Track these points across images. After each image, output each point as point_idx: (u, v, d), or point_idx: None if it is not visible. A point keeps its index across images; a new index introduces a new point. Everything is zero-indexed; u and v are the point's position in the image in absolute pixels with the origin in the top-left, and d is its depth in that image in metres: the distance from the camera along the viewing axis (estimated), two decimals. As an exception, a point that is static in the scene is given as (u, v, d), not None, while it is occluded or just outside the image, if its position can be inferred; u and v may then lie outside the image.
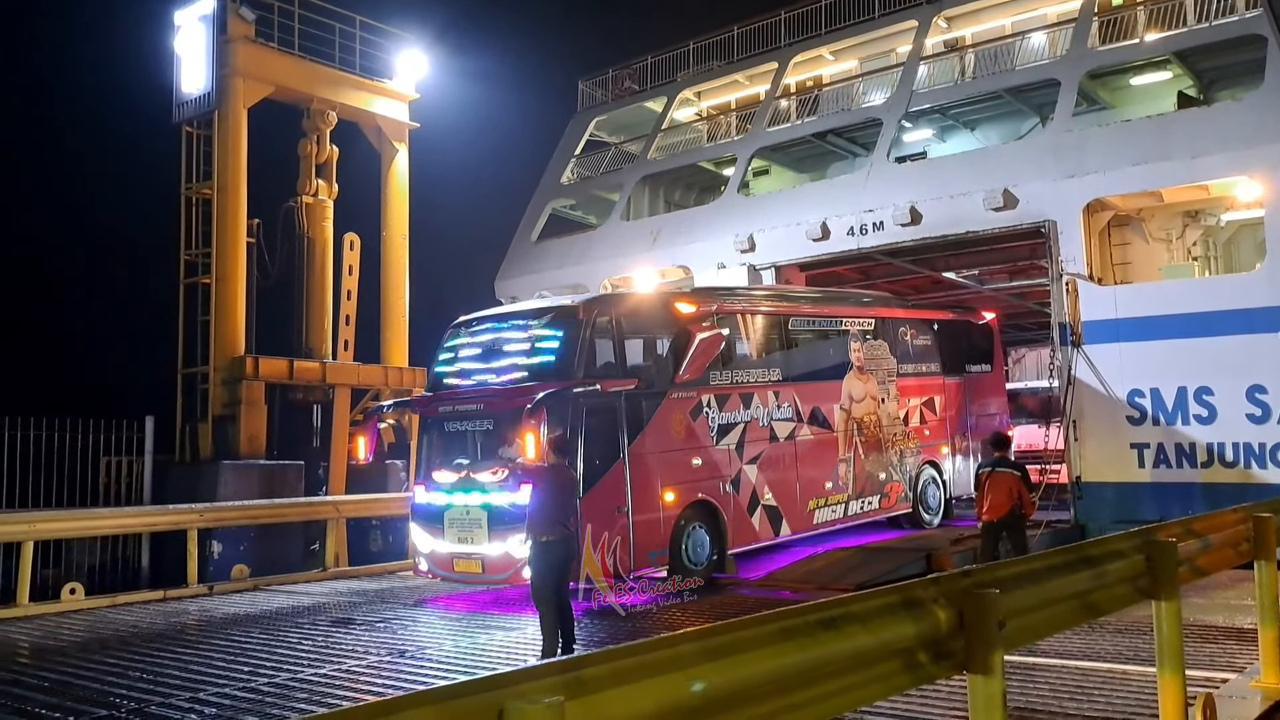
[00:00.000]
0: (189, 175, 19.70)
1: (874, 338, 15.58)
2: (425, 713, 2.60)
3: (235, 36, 19.43)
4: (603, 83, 25.89)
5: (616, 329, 11.70)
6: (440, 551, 11.42)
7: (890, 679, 4.22)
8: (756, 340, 13.91)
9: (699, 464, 12.04)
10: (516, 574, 10.55)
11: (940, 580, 4.61)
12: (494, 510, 10.86)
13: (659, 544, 11.25)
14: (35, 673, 8.36)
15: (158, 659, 8.81)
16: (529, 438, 9.85)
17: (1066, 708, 6.37)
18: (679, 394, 11.95)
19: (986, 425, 16.98)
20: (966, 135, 20.96)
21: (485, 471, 11.13)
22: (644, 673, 3.02)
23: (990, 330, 18.48)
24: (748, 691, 3.37)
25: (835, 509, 14.09)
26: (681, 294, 13.14)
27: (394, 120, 22.44)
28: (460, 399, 11.64)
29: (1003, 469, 10.56)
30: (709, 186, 24.35)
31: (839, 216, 18.13)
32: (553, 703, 2.64)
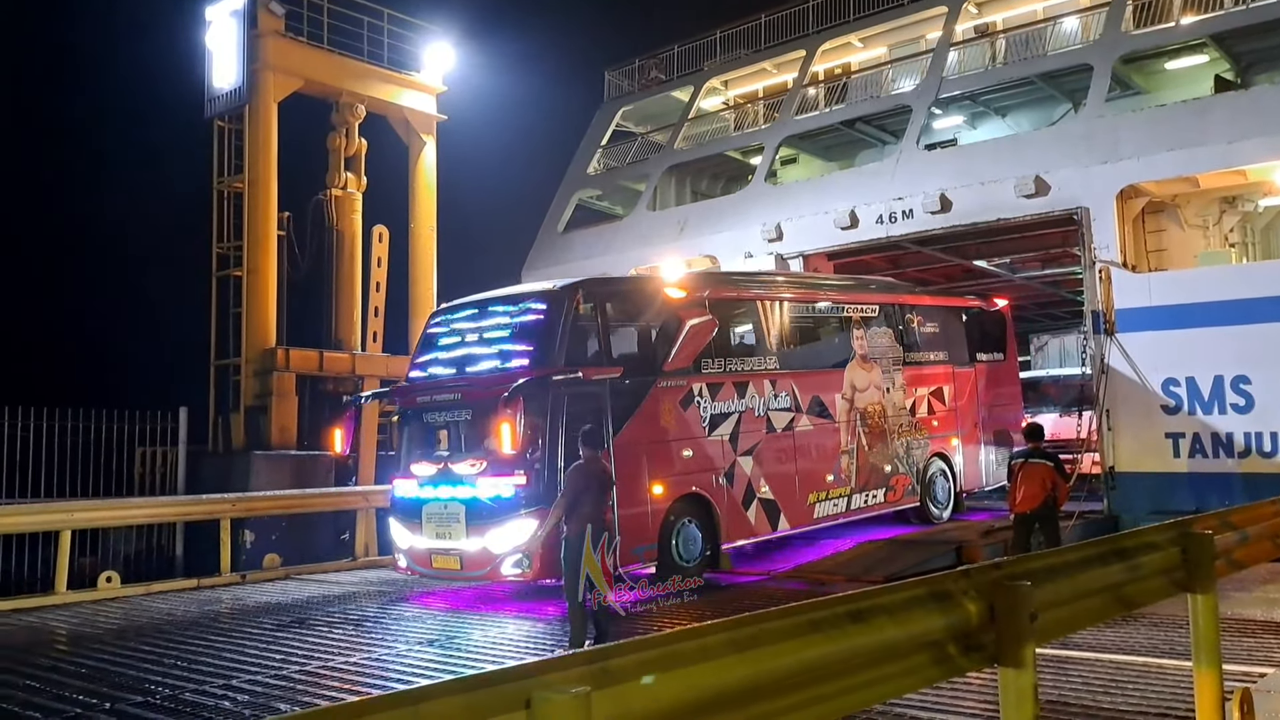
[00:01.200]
0: (221, 169, 19.90)
1: (878, 325, 14.96)
2: (453, 701, 2.61)
3: (265, 31, 19.56)
4: (629, 73, 25.83)
5: (601, 314, 11.23)
6: (419, 547, 10.96)
7: (920, 672, 4.19)
8: (751, 327, 13.41)
9: (690, 455, 11.53)
10: (495, 570, 10.21)
11: (971, 572, 4.56)
12: (472, 504, 10.43)
13: (646, 539, 10.78)
14: (72, 659, 8.48)
15: (192, 646, 8.91)
16: (505, 428, 9.53)
17: (1100, 702, 6.29)
18: (668, 382, 11.47)
19: (998, 416, 16.57)
20: (997, 122, 20.73)
21: (464, 463, 10.67)
22: (671, 664, 3.02)
23: (1002, 318, 17.73)
24: (775, 683, 3.35)
25: (837, 503, 13.50)
26: (674, 280, 12.64)
27: (421, 113, 22.52)
28: (438, 388, 11.20)
29: (1036, 460, 10.44)
30: (736, 176, 24.25)
31: (868, 205, 18.00)
32: (579, 693, 2.64)
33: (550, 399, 10.12)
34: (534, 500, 9.97)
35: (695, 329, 11.58)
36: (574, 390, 10.31)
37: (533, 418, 9.97)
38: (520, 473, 10.12)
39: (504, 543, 10.12)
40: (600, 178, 24.68)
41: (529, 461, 10.12)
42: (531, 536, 9.75)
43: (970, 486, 16.14)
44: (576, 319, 10.77)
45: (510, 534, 10.09)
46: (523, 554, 9.96)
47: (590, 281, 11.88)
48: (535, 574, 10.03)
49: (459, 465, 10.67)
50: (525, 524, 9.94)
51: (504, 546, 10.11)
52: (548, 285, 11.27)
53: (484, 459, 10.37)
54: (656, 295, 11.87)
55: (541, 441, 10.16)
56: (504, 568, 10.11)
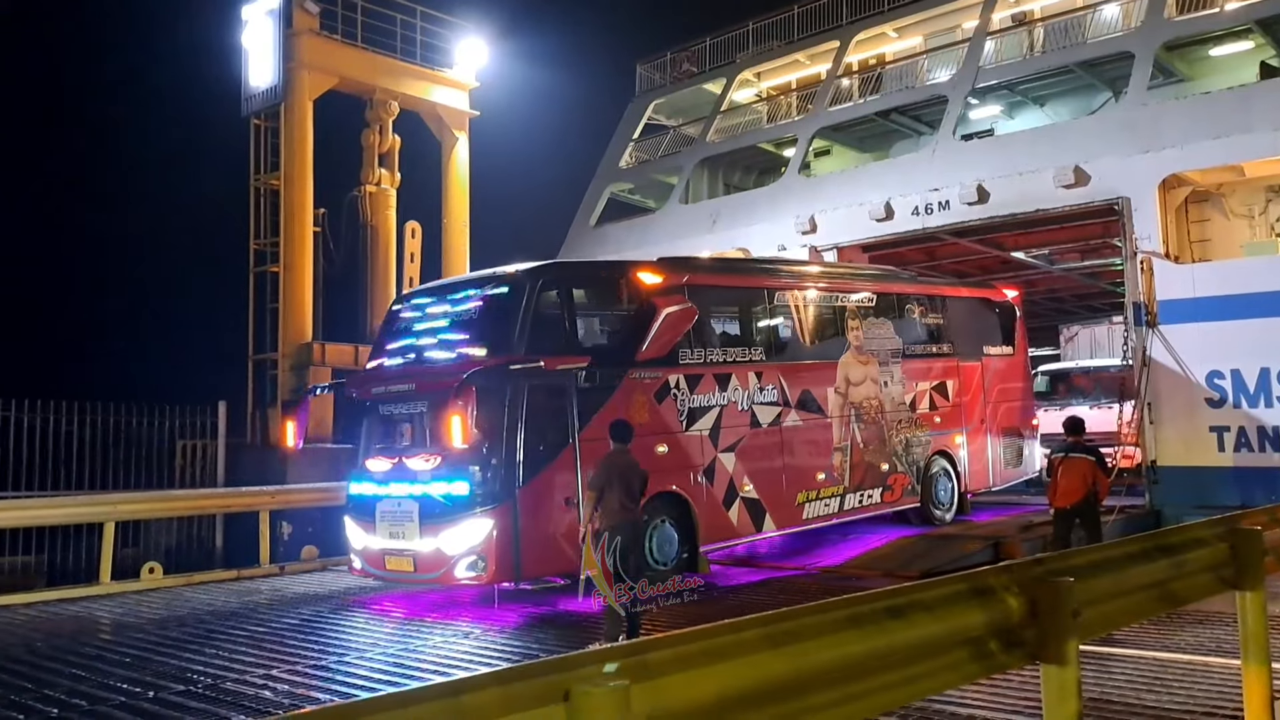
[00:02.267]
0: (257, 167, 20.12)
1: (876, 315, 14.10)
2: (491, 694, 2.62)
3: (300, 30, 19.72)
4: (661, 65, 25.77)
5: (567, 301, 10.57)
6: (372, 548, 10.30)
7: (959, 668, 4.14)
8: (735, 316, 12.70)
9: (665, 452, 10.77)
10: (448, 573, 9.59)
11: (1012, 568, 4.52)
12: (426, 502, 9.77)
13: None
14: (117, 648, 8.62)
15: (232, 636, 9.02)
16: (455, 421, 8.89)
17: (1144, 699, 6.20)
18: (641, 374, 10.75)
19: (1008, 413, 15.82)
20: (1035, 111, 20.46)
21: (418, 459, 9.99)
22: (709, 658, 3.00)
23: (1012, 309, 16.75)
24: (814, 679, 3.33)
25: (829, 503, 12.68)
26: (646, 263, 11.83)
27: (454, 109, 22.61)
28: (392, 379, 10.53)
29: (1076, 454, 10.30)
30: (769, 168, 24.14)
31: (903, 196, 17.83)
32: (618, 686, 2.64)
33: (508, 390, 9.51)
34: (490, 498, 9.46)
35: (672, 317, 10.94)
36: (535, 381, 9.67)
37: (488, 410, 9.41)
38: (475, 469, 9.52)
39: (458, 544, 9.52)
40: (632, 171, 24.65)
41: (485, 457, 9.53)
42: (486, 537, 9.35)
43: (976, 487, 15.25)
44: (539, 305, 10.11)
45: (465, 534, 9.50)
46: (477, 556, 9.41)
47: (555, 266, 11.31)
48: (491, 577, 9.51)
49: (413, 461, 10.03)
50: (480, 524, 9.44)
51: (458, 548, 9.51)
52: (509, 269, 10.60)
53: (438, 454, 9.76)
54: (630, 281, 11.19)
55: (498, 436, 9.54)
56: (458, 570, 9.50)
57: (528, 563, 9.54)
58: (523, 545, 9.41)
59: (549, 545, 9.63)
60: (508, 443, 9.50)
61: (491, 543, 9.33)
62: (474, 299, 10.39)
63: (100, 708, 6.66)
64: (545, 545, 9.61)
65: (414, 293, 11.30)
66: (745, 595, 10.37)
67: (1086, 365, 19.89)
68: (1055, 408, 18.39)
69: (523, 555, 9.43)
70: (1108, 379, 18.32)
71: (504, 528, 9.38)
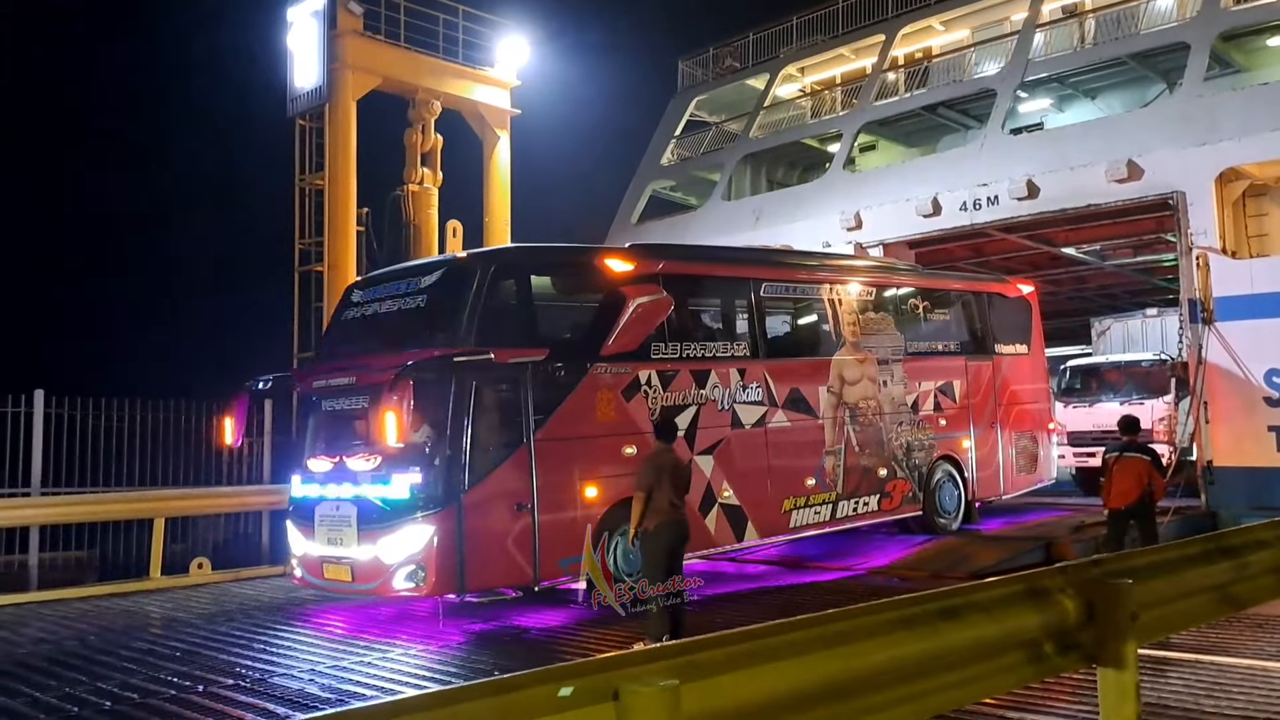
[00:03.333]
0: (302, 167, 20.31)
1: (874, 310, 13.14)
2: (541, 691, 2.61)
3: (344, 30, 19.89)
4: (703, 61, 25.70)
5: (524, 288, 9.85)
6: (312, 554, 9.57)
7: (1014, 670, 4.08)
8: (716, 308, 11.96)
9: (633, 454, 9.87)
10: (386, 584, 8.75)
11: (1068, 569, 4.44)
12: (364, 505, 8.99)
13: (574, 549, 8.98)
14: (167, 642, 8.73)
15: (278, 631, 9.10)
16: (390, 417, 8.14)
17: (1203, 705, 6.03)
18: (607, 369, 9.92)
19: (1021, 416, 14.82)
20: (1087, 104, 20.12)
21: (358, 458, 9.15)
22: (760, 658, 2.96)
23: (1027, 305, 15.67)
24: (866, 680, 3.28)
25: (819, 510, 11.77)
26: (616, 249, 10.91)
27: (495, 108, 22.68)
28: (333, 371, 9.82)
29: (1131, 453, 10.07)
30: (813, 164, 23.97)
31: (951, 191, 17.62)
32: (667, 686, 2.61)
33: (452, 384, 8.74)
34: (431, 503, 8.64)
35: (643, 309, 10.11)
36: (483, 375, 8.92)
37: (429, 406, 8.70)
38: (415, 470, 8.73)
39: (396, 552, 8.69)
40: (674, 168, 24.60)
41: (426, 458, 8.79)
42: (426, 545, 8.58)
43: (985, 495, 14.22)
44: (492, 293, 9.32)
45: (403, 542, 8.68)
46: (416, 565, 8.60)
47: (511, 250, 10.61)
48: (431, 588, 8.67)
49: (352, 460, 9.22)
50: (420, 530, 8.62)
51: (396, 556, 8.68)
52: (462, 253, 9.98)
53: (377, 454, 8.95)
54: (597, 268, 10.32)
55: (440, 434, 8.81)
56: (396, 581, 8.68)
57: (473, 573, 8.71)
58: (468, 554, 8.62)
59: (498, 554, 8.86)
60: (451, 442, 8.73)
61: (432, 551, 8.54)
62: (423, 285, 9.57)
63: (151, 701, 6.74)
64: (493, 554, 8.84)
65: (368, 278, 10.42)
66: (791, 596, 10.27)
67: (1117, 360, 18.99)
68: (1084, 405, 17.89)
69: (467, 565, 8.63)
70: (1140, 374, 17.76)
71: (446, 535, 8.57)
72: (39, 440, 12.86)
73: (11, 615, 10.13)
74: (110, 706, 6.61)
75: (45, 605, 10.70)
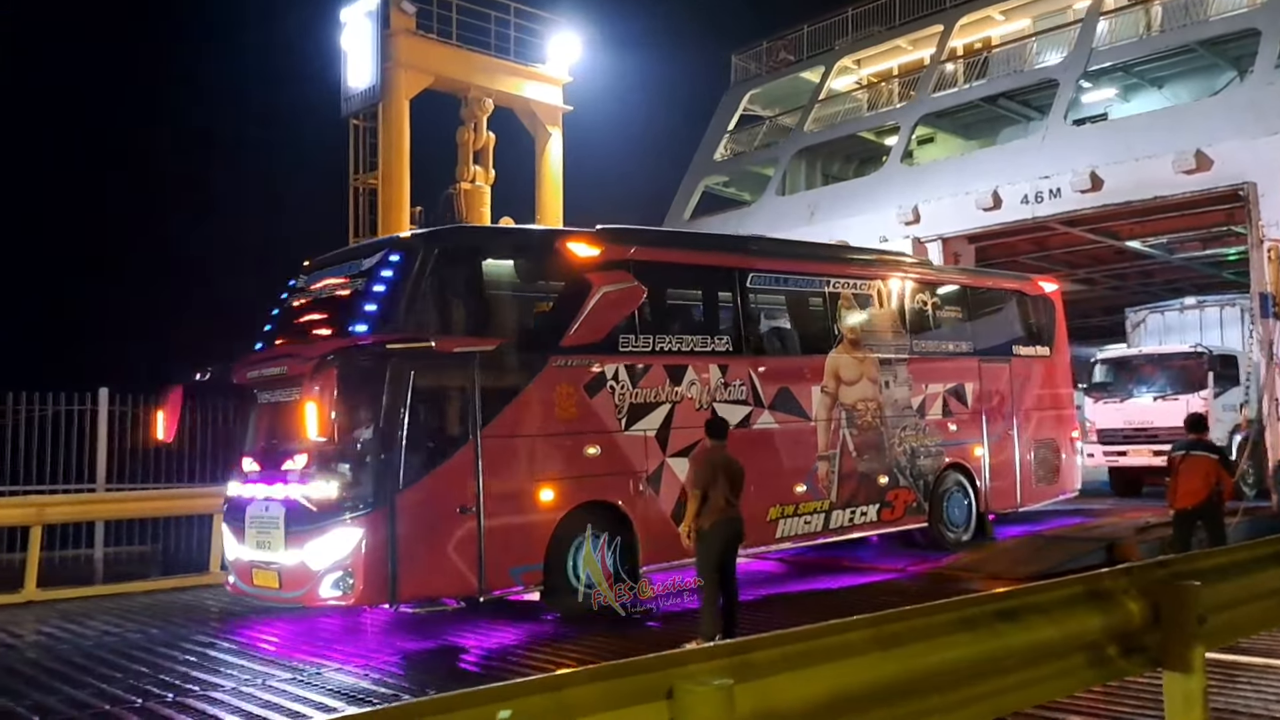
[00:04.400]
0: (356, 167, 20.59)
1: (876, 305, 12.15)
2: (595, 689, 2.62)
3: (397, 30, 20.10)
4: (757, 55, 25.55)
5: (473, 272, 9.03)
6: (242, 558, 8.86)
7: (1075, 673, 4.00)
8: (695, 298, 11.12)
9: (596, 454, 9.22)
10: (311, 592, 8.07)
11: (1133, 570, 4.33)
12: (291, 506, 8.28)
13: (527, 557, 8.58)
14: (227, 636, 8.90)
15: (332, 625, 9.20)
16: (310, 409, 7.46)
17: (1274, 712, 5.84)
18: (567, 361, 9.16)
19: (1042, 423, 13.77)
20: (1153, 93, 19.65)
21: (286, 454, 8.49)
22: (815, 659, 2.93)
23: (1050, 304, 14.57)
24: (923, 682, 3.22)
25: (810, 519, 10.88)
26: (582, 232, 9.99)
27: (547, 105, 22.77)
28: (265, 361, 9.04)
29: (1198, 452, 9.82)
30: (869, 157, 23.72)
31: (1011, 184, 17.31)
32: (722, 685, 2.60)
33: (385, 374, 8.04)
34: (361, 503, 7.94)
35: (610, 297, 9.38)
36: (423, 365, 8.20)
37: (358, 398, 8.05)
38: (345, 468, 8.10)
39: (322, 557, 8.00)
40: (727, 163, 24.50)
41: (355, 454, 8.14)
42: (354, 550, 7.86)
43: (1000, 507, 13.18)
44: (435, 276, 8.59)
45: (329, 546, 7.98)
46: (343, 571, 7.90)
47: (460, 230, 9.80)
48: (358, 597, 7.94)
49: (281, 457, 8.61)
50: (347, 534, 7.91)
51: (322, 562, 7.99)
52: (404, 233, 9.15)
53: (305, 450, 8.28)
54: (559, 253, 9.52)
55: (372, 429, 8.13)
56: (322, 588, 7.99)
57: (407, 582, 7.95)
58: (401, 561, 7.88)
59: (436, 561, 8.14)
60: (384, 438, 8.03)
61: (360, 556, 7.83)
62: (363, 268, 8.87)
63: (213, 694, 6.85)
64: (431, 561, 8.12)
65: (313, 262, 9.73)
66: (845, 597, 10.16)
67: (1150, 352, 17.93)
68: (1114, 400, 17.20)
69: (400, 573, 7.88)
70: (1175, 367, 16.92)
71: (376, 539, 7.85)
72: (104, 437, 13.17)
73: (79, 608, 10.41)
74: (172, 698, 6.73)
75: (109, 599, 10.95)
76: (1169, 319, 19.31)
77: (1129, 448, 16.85)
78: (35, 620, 9.78)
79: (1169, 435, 15.47)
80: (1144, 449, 16.48)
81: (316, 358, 7.80)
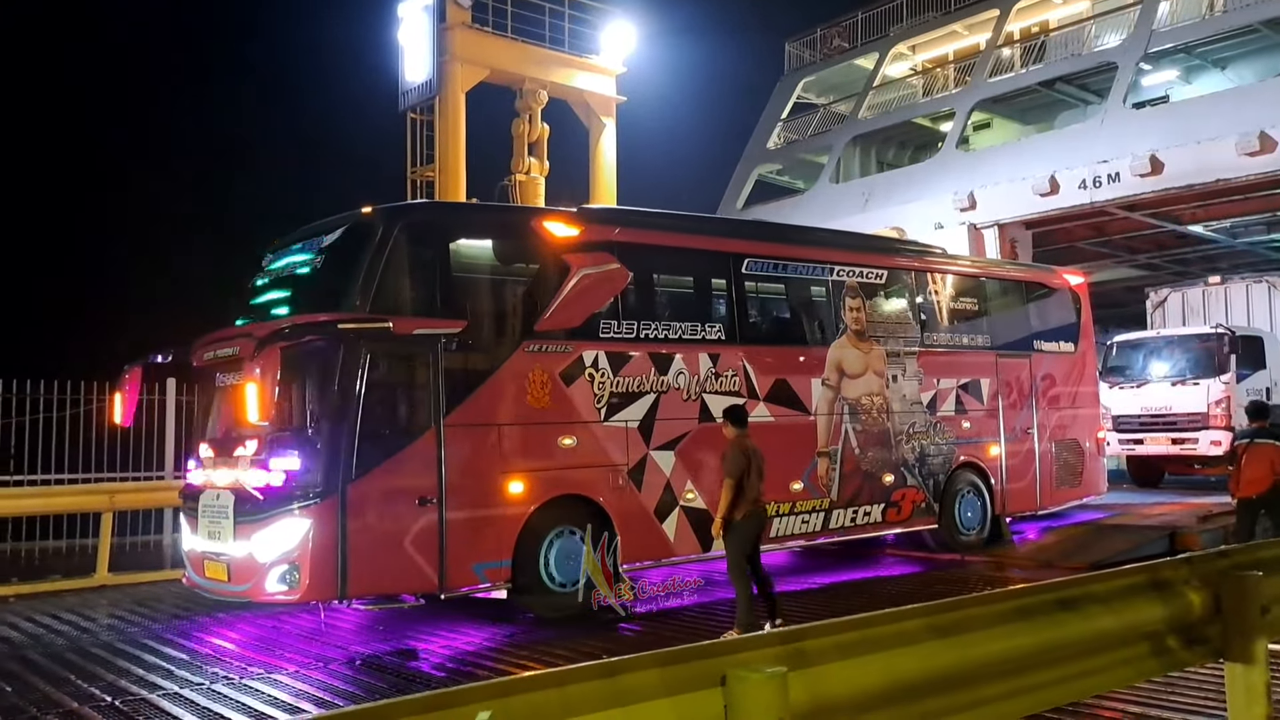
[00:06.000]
0: (413, 160, 20.85)
1: (885, 295, 11.53)
2: (649, 675, 2.64)
3: (453, 24, 20.30)
4: (810, 43, 25.38)
5: (439, 251, 8.49)
6: (196, 549, 8.39)
7: (1135, 664, 3.97)
8: (686, 284, 10.46)
9: (572, 445, 8.73)
10: (258, 586, 7.58)
11: (1193, 560, 4.29)
12: (240, 495, 7.81)
13: (493, 553, 8.11)
14: (294, 621, 9.08)
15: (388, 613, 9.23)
16: (249, 390, 7.10)
17: (1342, 705, 5.73)
18: (541, 346, 8.63)
19: (1064, 422, 13.03)
20: (1216, 75, 19.18)
21: (241, 441, 8.02)
22: (868, 648, 2.95)
23: (1075, 298, 13.73)
24: (980, 671, 3.23)
25: (808, 518, 10.33)
26: (561, 212, 9.51)
27: (601, 95, 22.82)
28: (219, 341, 8.56)
29: (1263, 440, 9.63)
30: (924, 144, 23.46)
31: (1069, 169, 17.05)
32: (775, 673, 2.61)
33: (338, 356, 7.60)
34: (309, 492, 7.45)
35: (590, 280, 8.86)
36: (381, 347, 7.78)
37: (306, 380, 7.76)
38: (294, 455, 7.62)
39: (269, 549, 7.53)
40: (780, 151, 24.38)
41: (305, 440, 7.73)
42: (301, 542, 7.37)
43: (1017, 509, 12.49)
44: (397, 254, 8.09)
45: (276, 537, 7.51)
46: (290, 565, 7.43)
47: (426, 206, 9.22)
48: (305, 592, 7.49)
49: (234, 443, 8.16)
50: (295, 525, 7.43)
51: (269, 554, 7.52)
52: (367, 209, 8.60)
53: (255, 436, 7.86)
54: (535, 232, 9.01)
55: (322, 413, 7.75)
56: (268, 582, 7.52)
57: (358, 577, 7.51)
58: (351, 554, 7.43)
59: (391, 555, 7.66)
60: (335, 424, 7.59)
61: (307, 549, 7.36)
62: (324, 245, 8.45)
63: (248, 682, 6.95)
64: (385, 555, 7.64)
65: (282, 239, 9.22)
66: (899, 586, 10.12)
67: (1169, 334, 17.02)
68: (1130, 386, 16.32)
69: (351, 567, 7.43)
70: (1196, 350, 15.99)
71: (325, 531, 7.39)
72: (171, 427, 13.52)
73: (149, 592, 10.70)
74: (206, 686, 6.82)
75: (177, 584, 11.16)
76: (1191, 297, 18.26)
77: (1146, 435, 16.06)
78: (108, 604, 10.08)
79: (1187, 423, 15.07)
80: (1162, 437, 15.81)
81: (259, 338, 7.40)
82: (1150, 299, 18.97)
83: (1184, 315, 18.11)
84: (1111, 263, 22.30)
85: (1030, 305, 13.24)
